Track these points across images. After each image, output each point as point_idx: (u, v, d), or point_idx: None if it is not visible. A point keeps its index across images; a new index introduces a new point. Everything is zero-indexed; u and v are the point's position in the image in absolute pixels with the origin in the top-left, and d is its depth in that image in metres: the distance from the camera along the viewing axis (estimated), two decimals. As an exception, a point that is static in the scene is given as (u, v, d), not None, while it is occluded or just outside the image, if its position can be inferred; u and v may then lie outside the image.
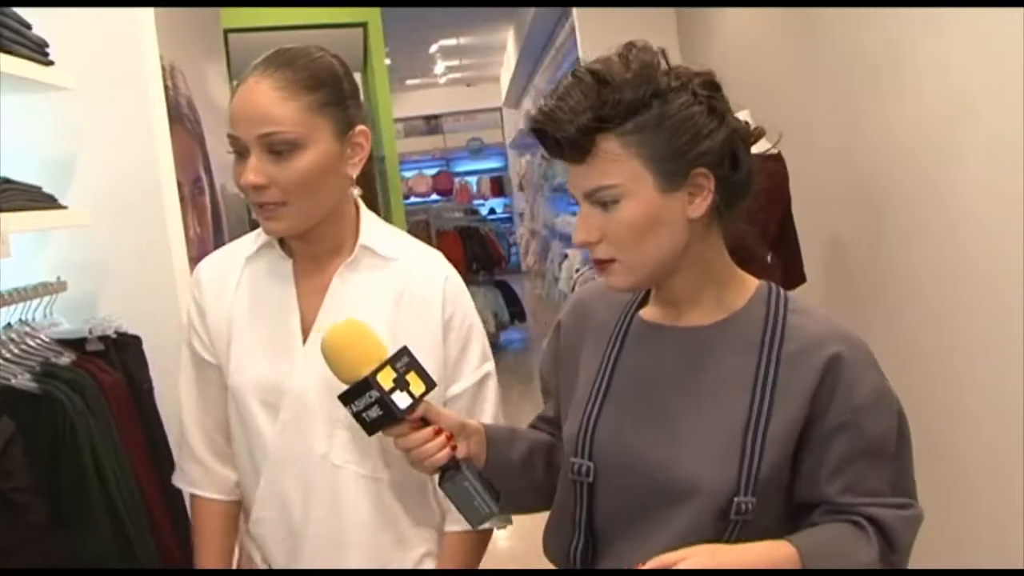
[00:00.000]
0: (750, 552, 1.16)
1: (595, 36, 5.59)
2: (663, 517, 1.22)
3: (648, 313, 1.33)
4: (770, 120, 3.67)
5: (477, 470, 1.30)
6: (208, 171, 3.88)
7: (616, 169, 1.21)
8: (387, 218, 8.15)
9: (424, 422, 1.29)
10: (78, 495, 1.75)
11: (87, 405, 1.80)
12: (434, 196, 11.34)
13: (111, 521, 1.78)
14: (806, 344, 1.22)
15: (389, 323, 1.46)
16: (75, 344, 2.00)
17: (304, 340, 1.48)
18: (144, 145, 2.38)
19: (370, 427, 1.27)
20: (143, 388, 2.08)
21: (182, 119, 3.40)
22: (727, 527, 1.20)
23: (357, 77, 7.90)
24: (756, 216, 2.96)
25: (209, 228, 3.69)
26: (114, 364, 2.01)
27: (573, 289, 6.63)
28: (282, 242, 1.55)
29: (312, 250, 1.52)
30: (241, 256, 1.56)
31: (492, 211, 11.38)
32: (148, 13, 2.46)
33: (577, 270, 6.93)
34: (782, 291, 1.29)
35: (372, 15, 7.58)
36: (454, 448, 1.29)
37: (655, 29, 5.46)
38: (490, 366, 1.56)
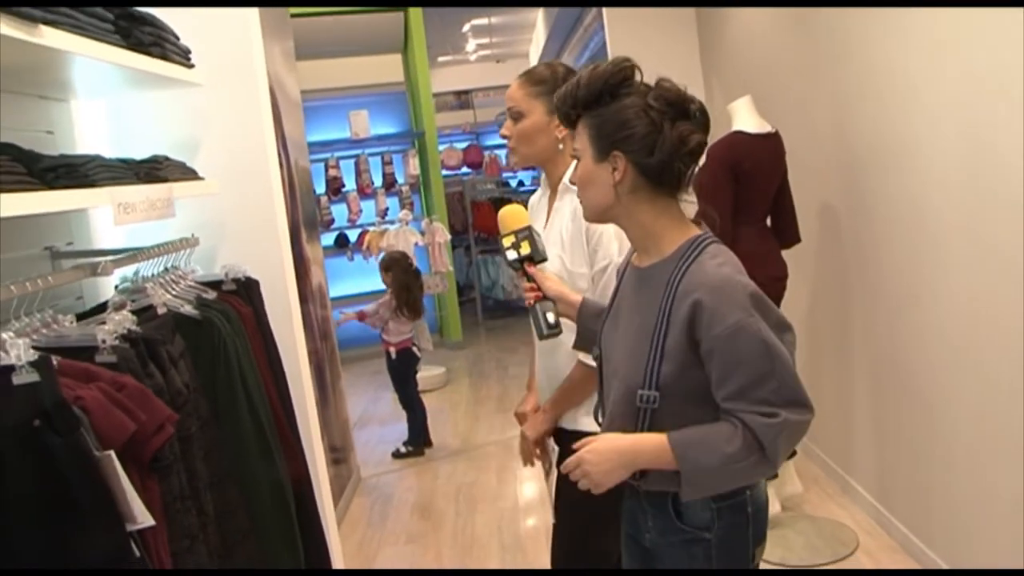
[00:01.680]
0: (625, 439, 1.59)
1: (622, 29, 5.79)
2: (612, 388, 1.69)
3: (634, 257, 1.76)
4: (772, 102, 4.10)
5: (545, 311, 1.91)
6: (284, 147, 4.13)
7: (579, 139, 1.68)
8: (426, 189, 8.54)
9: (528, 278, 1.94)
10: (229, 396, 2.12)
11: (233, 329, 2.14)
12: (464, 169, 11.59)
13: (251, 418, 2.13)
14: (686, 287, 1.57)
15: (570, 225, 2.15)
16: (213, 285, 2.32)
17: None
18: (254, 128, 2.69)
19: (508, 265, 2.00)
20: (265, 320, 2.45)
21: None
22: (636, 412, 1.60)
23: (397, 57, 8.17)
24: (756, 184, 3.41)
25: (287, 196, 3.95)
26: (245, 300, 2.35)
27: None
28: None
29: (548, 180, 2.31)
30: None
31: (521, 183, 11.64)
32: (254, 16, 2.76)
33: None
34: (702, 244, 1.62)
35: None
36: (537, 299, 1.92)
37: (677, 24, 5.69)
38: (606, 260, 2.11)
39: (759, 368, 1.49)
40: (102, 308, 2.05)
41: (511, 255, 1.99)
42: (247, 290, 2.42)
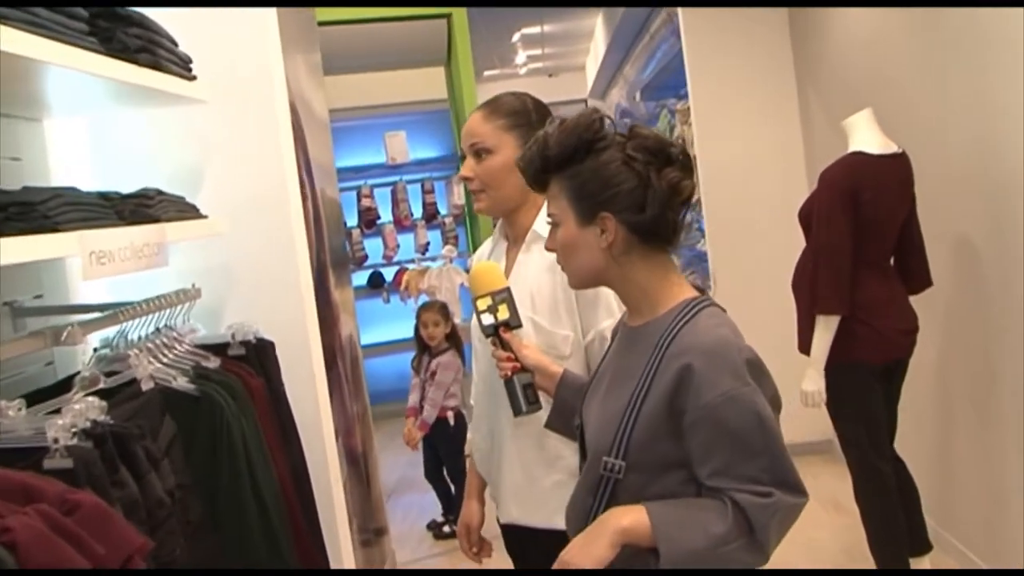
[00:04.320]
0: (610, 513, 1.63)
1: (700, 34, 5.69)
2: (587, 458, 1.78)
3: (626, 316, 1.85)
4: (891, 117, 3.85)
5: (524, 384, 1.98)
6: (309, 173, 3.95)
7: (553, 204, 1.76)
8: (473, 221, 8.38)
9: (503, 345, 2.00)
10: (233, 496, 1.93)
11: (239, 407, 1.98)
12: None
13: (260, 521, 1.97)
14: (676, 351, 1.63)
15: (547, 280, 2.14)
16: (217, 349, 2.18)
17: None
18: (271, 154, 2.57)
19: (482, 331, 2.04)
20: (280, 391, 2.29)
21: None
22: (599, 480, 1.68)
23: (439, 71, 8.00)
24: (879, 216, 3.17)
25: (311, 233, 3.78)
26: (256, 368, 2.20)
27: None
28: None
29: (510, 231, 2.31)
30: None
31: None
32: (272, 19, 2.63)
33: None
34: (700, 305, 1.69)
35: (457, 8, 7.77)
36: (514, 370, 1.98)
37: (765, 29, 5.56)
38: (610, 319, 2.09)
39: (750, 443, 1.57)
40: (70, 383, 1.81)
41: (487, 320, 2.03)
42: (259, 355, 2.27)
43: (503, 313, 2.04)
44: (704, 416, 1.57)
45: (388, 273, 8.56)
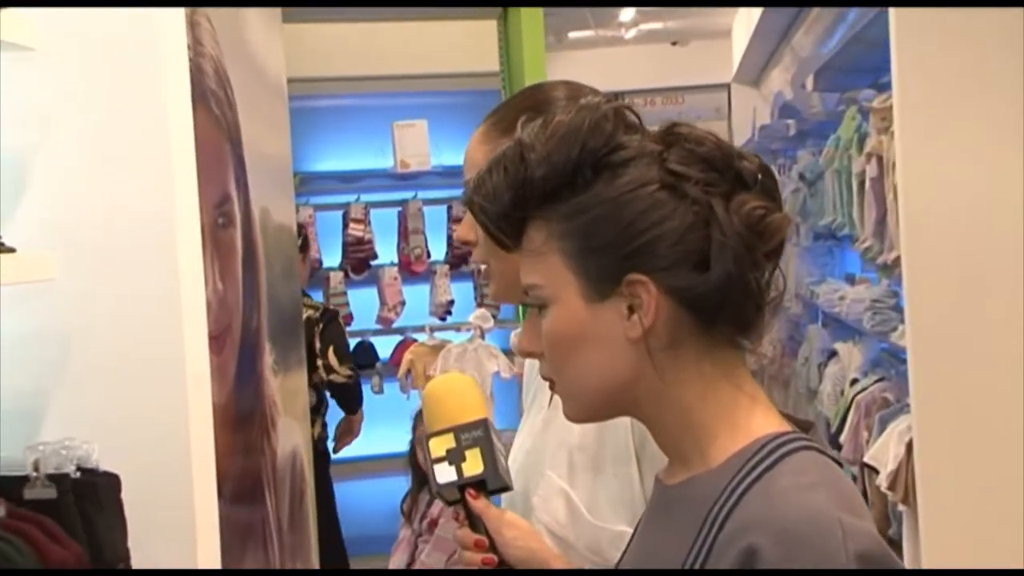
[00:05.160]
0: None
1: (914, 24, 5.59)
2: None
3: (661, 469, 1.77)
4: None
5: None
6: (242, 186, 4.01)
7: (539, 266, 1.63)
8: None
9: (471, 520, 1.89)
10: None
11: None
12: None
13: None
14: (736, 528, 1.52)
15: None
16: (9, 486, 2.17)
17: None
18: (147, 147, 2.64)
19: (435, 493, 1.94)
20: (116, 568, 2.24)
21: (205, 99, 3.50)
22: None
23: (488, 25, 8.08)
24: None
25: (237, 282, 3.79)
26: (71, 525, 2.15)
27: (844, 418, 6.52)
28: None
29: None
30: None
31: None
32: None
33: (854, 382, 6.78)
34: (782, 448, 1.57)
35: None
36: (489, 565, 1.88)
37: (994, 27, 5.41)
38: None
39: None
40: None
41: (444, 475, 1.92)
42: (83, 502, 2.26)
43: (472, 464, 1.93)
44: None
45: (384, 346, 8.57)
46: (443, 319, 8.23)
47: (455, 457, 1.92)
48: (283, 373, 4.63)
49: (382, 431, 7.98)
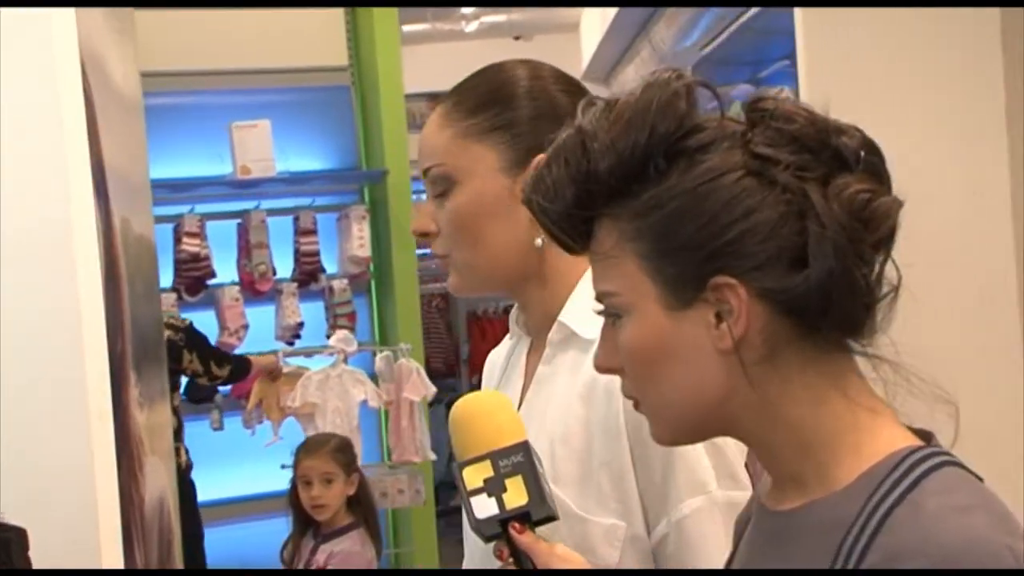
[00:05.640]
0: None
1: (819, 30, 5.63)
2: None
3: (765, 491, 1.71)
4: None
5: None
6: (103, 196, 3.91)
7: (611, 271, 1.60)
8: (383, 287, 8.60)
9: (515, 556, 1.81)
10: None
11: None
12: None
13: None
14: (883, 558, 1.46)
15: (581, 416, 2.10)
16: None
17: None
18: (41, 150, 2.72)
19: (474, 528, 1.88)
20: None
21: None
22: None
23: (335, 15, 8.17)
24: None
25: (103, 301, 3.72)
26: None
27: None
28: None
29: (529, 321, 2.29)
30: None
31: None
32: None
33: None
34: (923, 465, 1.51)
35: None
36: None
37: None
38: (696, 500, 2.00)
39: None
40: None
41: (482, 509, 1.87)
42: None
43: (516, 495, 1.86)
44: None
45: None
46: (291, 343, 8.21)
47: (495, 487, 1.86)
48: (148, 407, 4.52)
49: (248, 469, 8.03)
